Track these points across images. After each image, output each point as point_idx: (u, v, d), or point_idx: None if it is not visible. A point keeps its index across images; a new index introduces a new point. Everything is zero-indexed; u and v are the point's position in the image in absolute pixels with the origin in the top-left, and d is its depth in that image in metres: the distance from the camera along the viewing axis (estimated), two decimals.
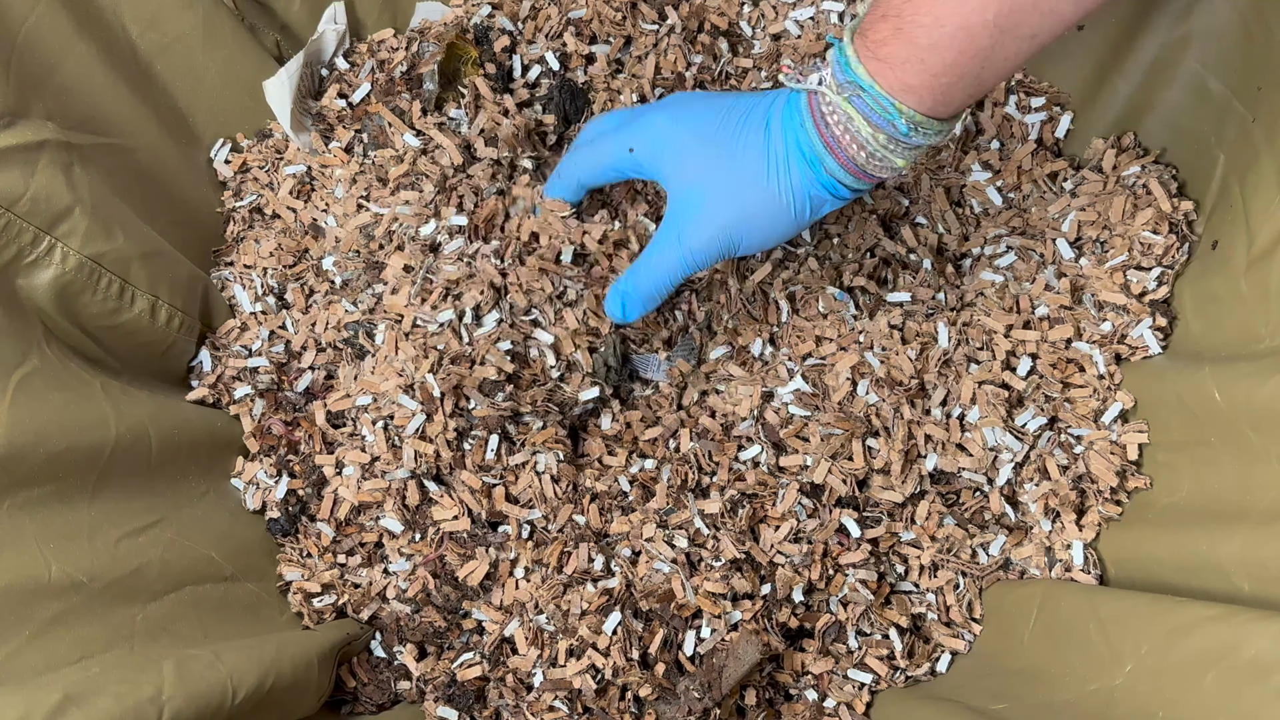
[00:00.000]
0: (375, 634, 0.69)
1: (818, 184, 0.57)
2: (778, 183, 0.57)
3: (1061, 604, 0.62)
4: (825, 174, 0.56)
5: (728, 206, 0.59)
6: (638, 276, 0.63)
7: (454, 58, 0.77)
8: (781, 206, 0.58)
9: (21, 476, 0.56)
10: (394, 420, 0.68)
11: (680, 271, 0.62)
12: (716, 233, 0.59)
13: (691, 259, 0.61)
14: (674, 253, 0.61)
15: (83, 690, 0.48)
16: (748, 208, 0.58)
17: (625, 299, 0.64)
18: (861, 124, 0.54)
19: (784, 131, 0.57)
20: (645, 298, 0.64)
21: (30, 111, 0.63)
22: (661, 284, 0.63)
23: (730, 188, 0.59)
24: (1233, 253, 0.62)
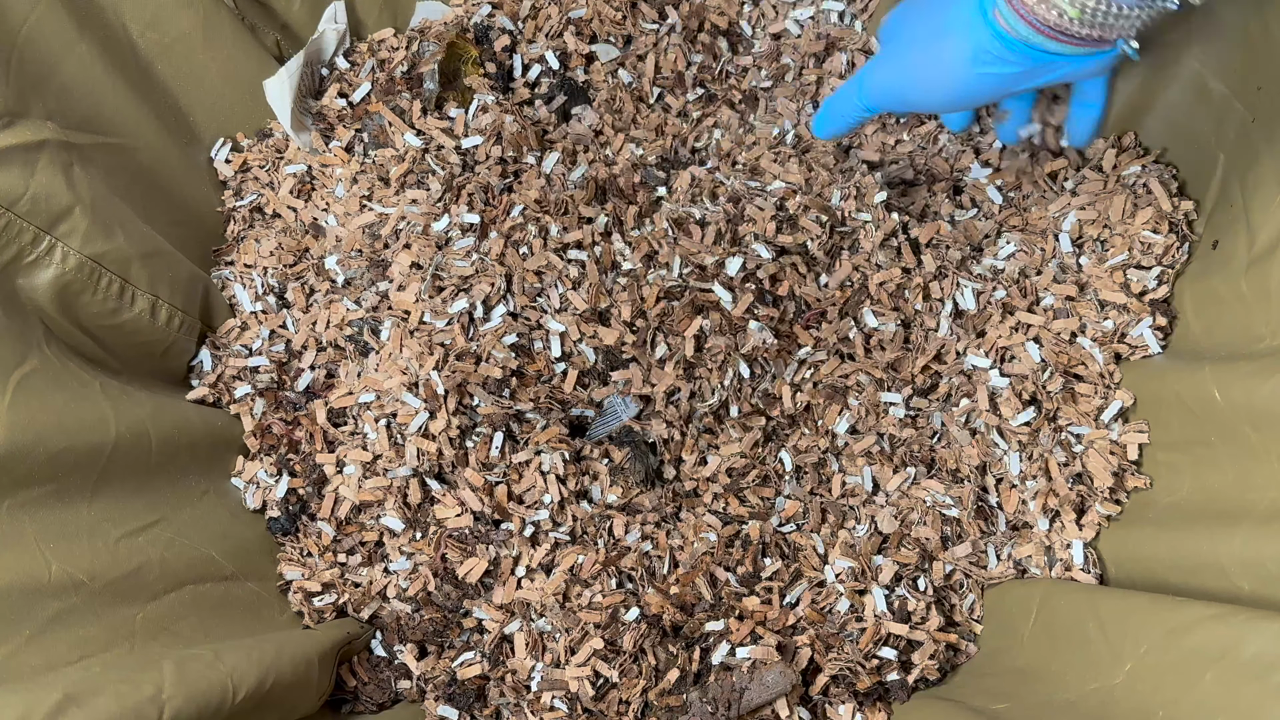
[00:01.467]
0: (376, 633, 0.69)
1: (987, 30, 0.52)
2: (949, 23, 0.54)
3: (1061, 603, 0.62)
4: (994, 19, 0.51)
5: (903, 45, 0.58)
6: (833, 99, 0.65)
7: (454, 57, 0.77)
8: (951, 46, 0.54)
9: (21, 476, 0.56)
10: (396, 418, 0.68)
11: (856, 104, 0.62)
12: (887, 69, 0.59)
13: (865, 92, 0.61)
14: (852, 86, 0.62)
15: (83, 690, 0.48)
16: (919, 48, 0.56)
17: (820, 117, 0.66)
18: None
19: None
20: (834, 119, 0.65)
21: (30, 111, 0.63)
22: (845, 112, 0.64)
23: (912, 31, 0.57)
24: (1233, 252, 0.62)
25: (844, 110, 0.64)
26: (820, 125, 0.67)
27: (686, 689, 0.64)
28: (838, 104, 0.64)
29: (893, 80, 0.58)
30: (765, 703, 0.63)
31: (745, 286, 0.69)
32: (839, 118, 0.65)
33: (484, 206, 0.72)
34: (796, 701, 0.65)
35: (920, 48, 0.56)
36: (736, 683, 0.63)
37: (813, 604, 0.66)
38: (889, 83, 0.59)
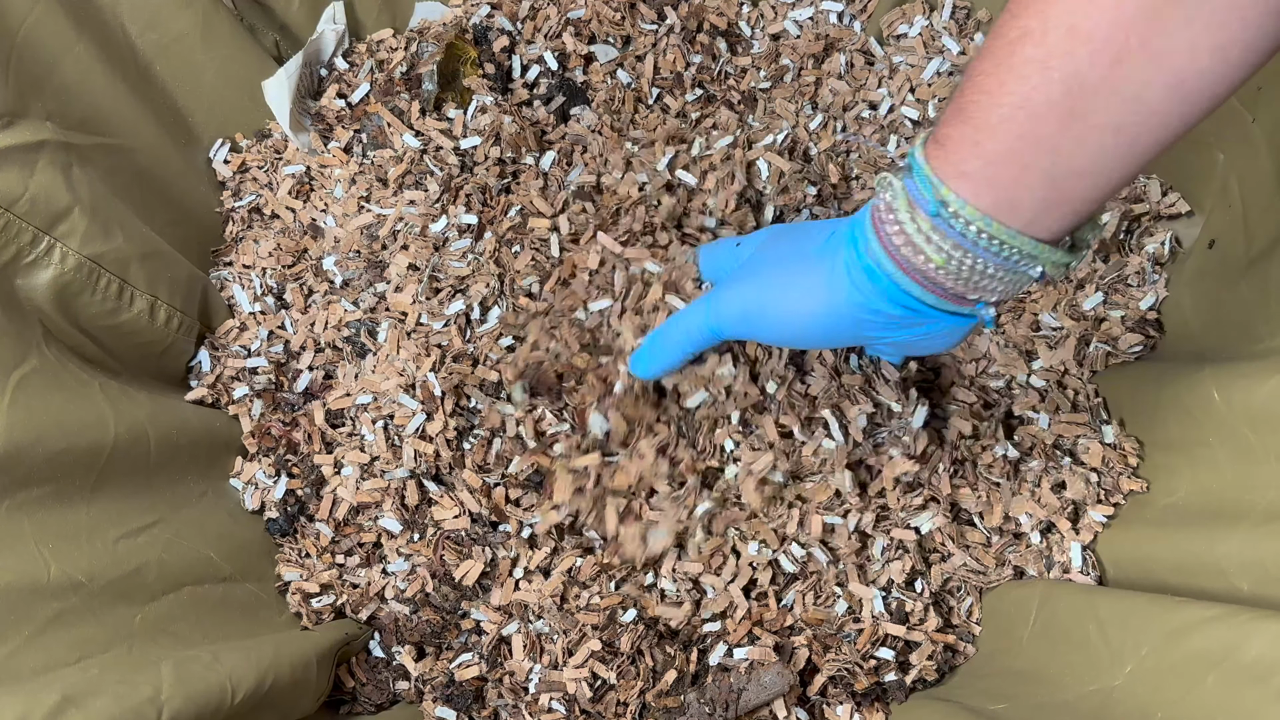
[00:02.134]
0: (374, 634, 0.69)
1: (858, 265, 0.47)
2: (819, 252, 0.49)
3: (1061, 604, 0.62)
4: (865, 255, 0.47)
5: (767, 267, 0.53)
6: (662, 330, 0.60)
7: (453, 58, 0.77)
8: (817, 277, 0.49)
9: (20, 477, 0.56)
10: (394, 420, 0.68)
11: (700, 333, 0.57)
12: (747, 290, 0.53)
13: (716, 313, 0.55)
14: (699, 311, 0.56)
15: (81, 691, 0.48)
16: (785, 272, 0.51)
17: (646, 352, 0.61)
18: (903, 207, 0.44)
19: (849, 227, 0.49)
20: (664, 354, 0.60)
21: (29, 111, 0.62)
22: (681, 343, 0.58)
23: (778, 253, 0.53)
24: (1232, 252, 0.62)
25: (681, 338, 0.58)
26: (643, 363, 0.61)
27: (684, 690, 0.64)
28: (672, 332, 0.58)
29: (750, 301, 0.53)
30: (763, 703, 0.63)
31: None
32: (671, 348, 0.59)
33: (481, 207, 0.72)
34: (794, 702, 0.65)
35: (786, 270, 0.51)
36: (734, 683, 0.63)
37: (812, 603, 0.66)
38: (747, 306, 0.53)
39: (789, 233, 0.54)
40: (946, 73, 0.78)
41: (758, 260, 0.54)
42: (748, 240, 0.59)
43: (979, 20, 0.80)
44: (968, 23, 0.80)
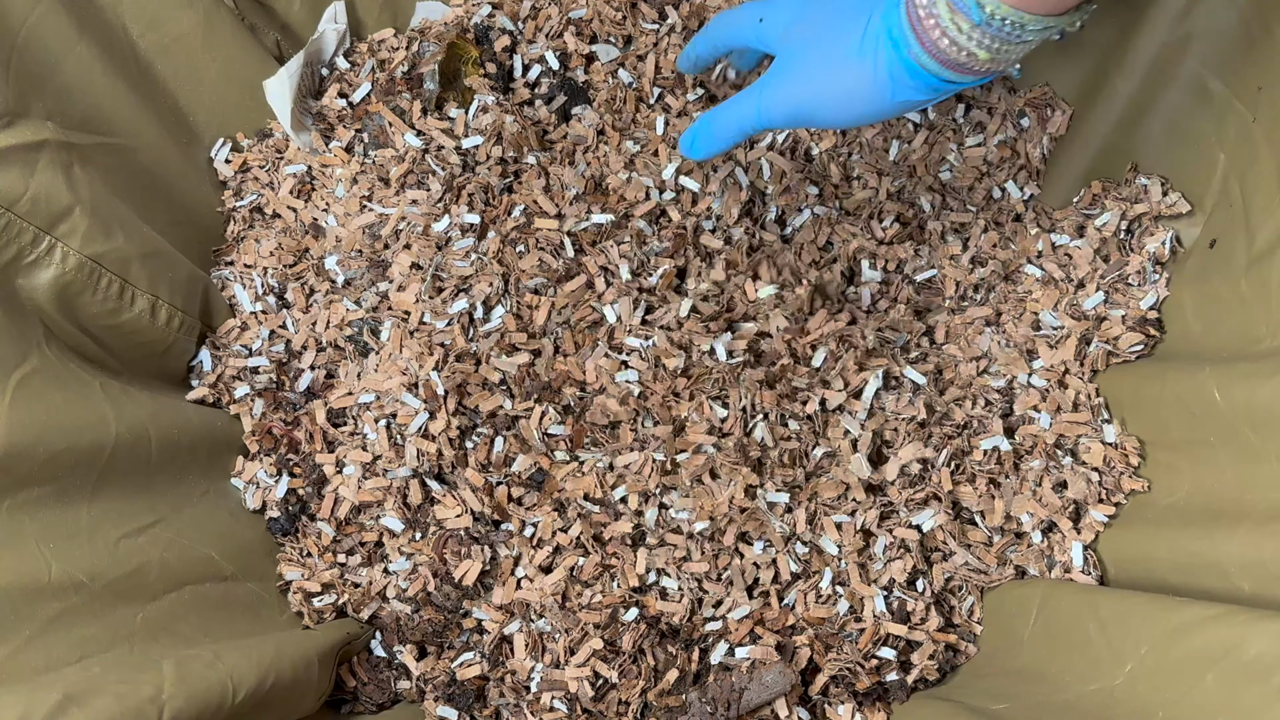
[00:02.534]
0: (375, 633, 0.69)
1: (900, 65, 0.53)
2: (860, 53, 0.54)
3: (1061, 604, 0.62)
4: (908, 56, 0.52)
5: (810, 67, 0.57)
6: (712, 115, 0.62)
7: (454, 57, 0.77)
8: (863, 79, 0.54)
9: (21, 476, 0.56)
10: (396, 418, 0.68)
11: (752, 120, 0.60)
12: (794, 90, 0.58)
13: (764, 115, 0.59)
14: (751, 101, 0.60)
15: (83, 690, 0.48)
16: (830, 73, 0.56)
17: (696, 135, 0.63)
18: (945, 13, 0.50)
19: (882, 9, 0.54)
20: (714, 137, 0.62)
21: (30, 111, 0.62)
22: (732, 128, 0.62)
23: (818, 51, 0.56)
24: (1233, 252, 0.62)
25: (732, 128, 0.62)
26: (696, 145, 0.64)
27: (686, 689, 0.64)
28: (724, 120, 0.62)
29: (800, 101, 0.58)
30: (764, 703, 0.63)
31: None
32: (722, 136, 0.62)
33: (484, 207, 0.72)
34: (796, 701, 0.65)
35: (830, 71, 0.56)
36: (736, 683, 0.63)
37: (814, 602, 0.66)
38: (795, 103, 0.58)
39: (819, 14, 0.58)
40: None
41: (798, 53, 0.58)
42: (771, 15, 0.62)
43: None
44: None
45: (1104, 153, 0.72)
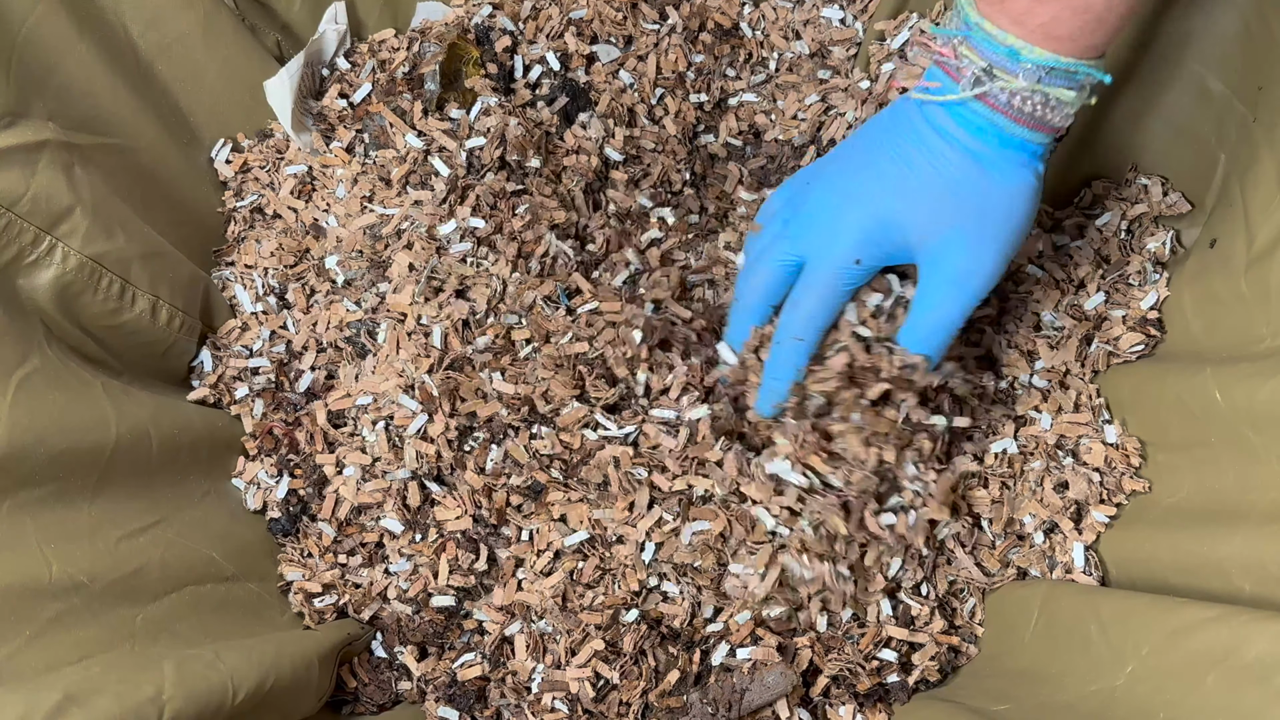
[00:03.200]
0: (376, 634, 0.69)
1: (979, 135, 0.53)
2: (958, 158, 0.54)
3: (1062, 605, 0.62)
4: (975, 116, 0.53)
5: (1000, 224, 0.55)
6: (922, 335, 0.58)
7: (455, 58, 0.77)
8: (1029, 197, 0.55)
9: (22, 476, 0.56)
10: (394, 420, 0.68)
11: (960, 319, 0.57)
12: (1003, 252, 0.56)
13: (970, 300, 0.57)
14: (954, 302, 0.57)
15: (83, 690, 0.48)
16: (1020, 216, 0.55)
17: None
18: (965, 49, 0.53)
19: (921, 111, 0.55)
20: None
21: (31, 111, 0.62)
22: (946, 338, 0.59)
23: (936, 198, 0.54)
24: (1233, 252, 0.62)
25: (946, 338, 0.58)
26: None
27: (687, 690, 0.64)
28: (941, 342, 0.59)
29: (995, 266, 0.56)
30: (766, 703, 0.63)
31: None
32: (945, 346, 0.59)
33: (489, 210, 0.72)
34: (797, 703, 0.65)
35: (1002, 219, 0.55)
36: (737, 684, 0.63)
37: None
38: (990, 271, 0.56)
39: (958, 193, 0.55)
40: None
41: (962, 232, 0.55)
42: (882, 237, 0.57)
43: None
44: None
45: (1104, 153, 0.72)
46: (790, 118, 0.82)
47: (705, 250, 0.75)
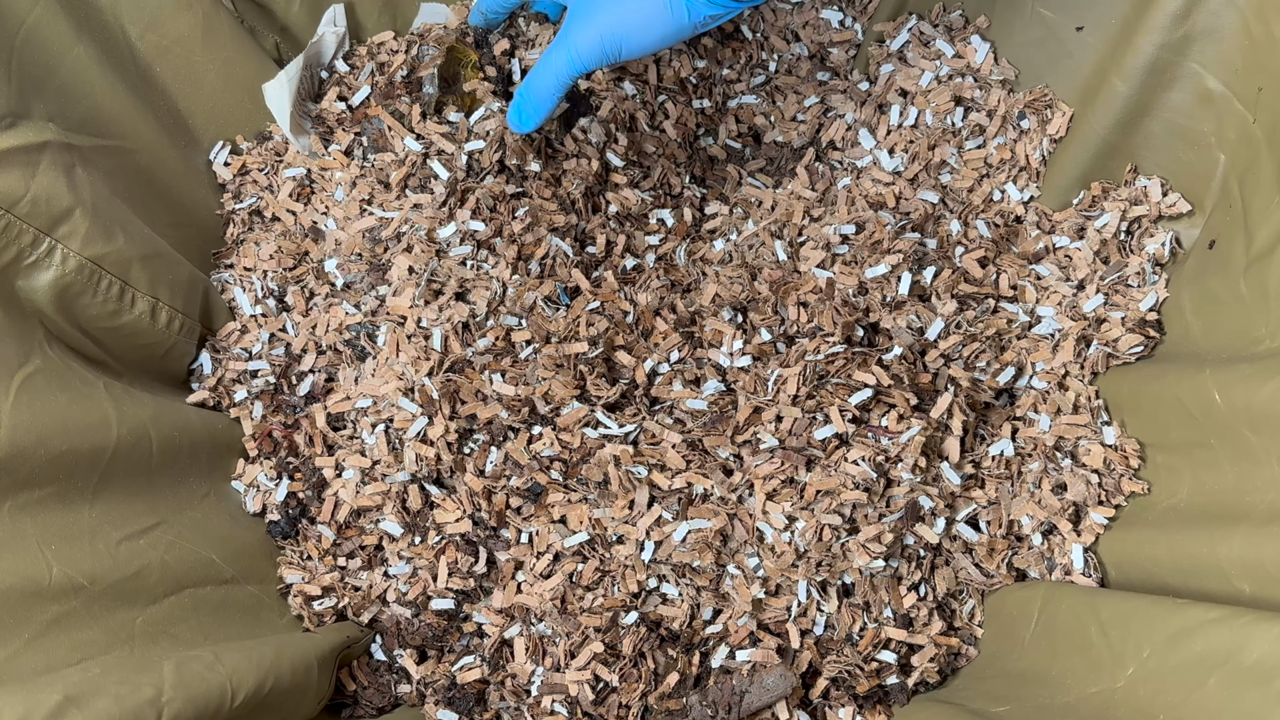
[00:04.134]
0: (375, 637, 0.69)
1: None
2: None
3: (1062, 606, 0.62)
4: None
5: (610, 6, 0.64)
6: (529, 81, 0.68)
7: (454, 61, 0.77)
8: (659, 7, 0.62)
9: (23, 478, 0.56)
10: (394, 423, 0.68)
11: (566, 69, 0.66)
12: (599, 32, 0.64)
13: (577, 59, 0.65)
14: (561, 55, 0.66)
15: (82, 691, 0.48)
16: (628, 8, 0.63)
17: (520, 109, 0.69)
18: None
19: None
20: (537, 102, 0.68)
21: (32, 112, 0.62)
22: (550, 84, 0.67)
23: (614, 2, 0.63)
24: (1232, 253, 0.62)
25: (550, 84, 0.67)
26: (523, 117, 0.69)
27: (686, 692, 0.64)
28: (541, 81, 0.67)
29: (606, 37, 0.64)
30: (765, 705, 0.63)
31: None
32: (544, 97, 0.68)
33: (489, 213, 0.72)
34: (796, 704, 0.65)
35: (625, 9, 0.63)
36: (736, 686, 0.63)
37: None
38: (602, 40, 0.64)
39: None
40: (946, 78, 0.78)
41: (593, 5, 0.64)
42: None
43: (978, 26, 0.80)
44: (966, 28, 0.80)
45: (1104, 154, 0.72)
46: (789, 119, 0.82)
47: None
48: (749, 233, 0.76)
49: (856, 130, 0.80)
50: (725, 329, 0.69)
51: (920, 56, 0.79)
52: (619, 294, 0.71)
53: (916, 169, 0.77)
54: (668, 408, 0.69)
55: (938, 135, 0.77)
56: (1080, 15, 0.71)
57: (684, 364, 0.69)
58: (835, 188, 0.79)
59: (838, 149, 0.81)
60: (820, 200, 0.78)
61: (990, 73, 0.77)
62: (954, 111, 0.78)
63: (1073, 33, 0.72)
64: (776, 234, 0.76)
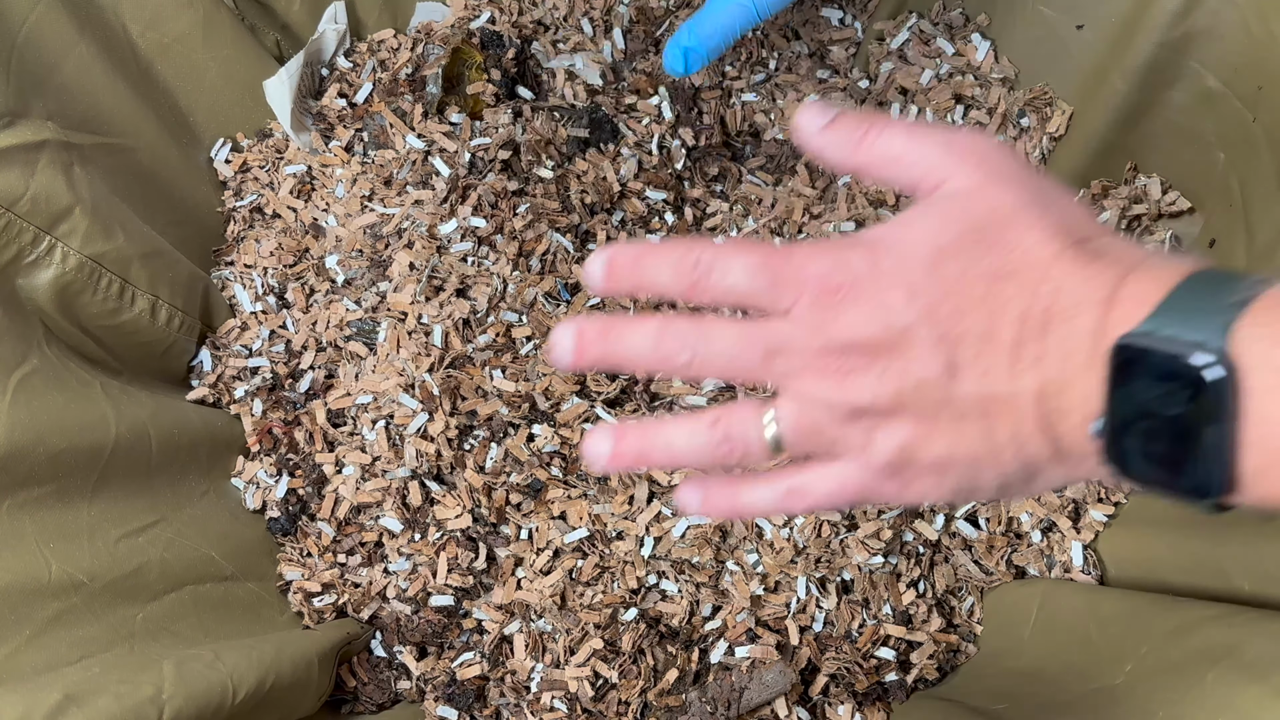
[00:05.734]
0: (375, 633, 0.69)
1: None
2: None
3: (1061, 604, 0.62)
4: None
5: None
6: (701, 26, 0.61)
7: (458, 61, 0.77)
8: None
9: (22, 476, 0.56)
10: (394, 419, 0.68)
11: (746, 18, 0.60)
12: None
13: (757, 4, 0.60)
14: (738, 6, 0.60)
15: (83, 690, 0.48)
16: None
17: (688, 51, 0.62)
18: None
19: None
20: (709, 49, 0.62)
21: (30, 111, 0.62)
22: (727, 31, 0.61)
23: None
24: (1232, 252, 0.62)
25: (727, 29, 0.61)
26: (691, 58, 0.62)
27: (686, 689, 0.64)
28: (717, 23, 0.61)
29: None
30: (764, 702, 0.63)
31: None
32: (719, 41, 0.61)
33: (490, 209, 0.72)
34: (795, 701, 0.65)
35: None
36: (736, 682, 0.63)
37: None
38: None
39: None
40: (946, 75, 0.78)
41: None
42: None
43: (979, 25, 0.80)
44: (966, 27, 0.80)
45: (1104, 152, 0.72)
46: (789, 117, 0.82)
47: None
48: (749, 230, 0.76)
49: None
50: None
51: (920, 54, 0.79)
52: None
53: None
54: (667, 404, 0.69)
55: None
56: (1080, 14, 0.71)
57: None
58: (835, 185, 0.79)
59: None
60: (820, 198, 0.78)
61: (990, 71, 0.77)
62: (954, 109, 0.78)
63: (1073, 31, 0.72)
64: (776, 231, 0.76)
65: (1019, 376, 0.32)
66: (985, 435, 0.33)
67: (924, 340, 0.33)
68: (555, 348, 0.36)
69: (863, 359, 0.33)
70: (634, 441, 0.36)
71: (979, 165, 0.34)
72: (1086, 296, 0.31)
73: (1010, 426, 0.33)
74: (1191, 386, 0.29)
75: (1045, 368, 0.32)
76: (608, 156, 0.76)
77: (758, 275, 0.34)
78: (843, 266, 0.34)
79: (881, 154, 0.36)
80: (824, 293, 0.34)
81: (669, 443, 0.36)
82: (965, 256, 0.33)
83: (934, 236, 0.33)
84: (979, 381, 0.33)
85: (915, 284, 0.33)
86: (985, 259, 0.33)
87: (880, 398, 0.33)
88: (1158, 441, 0.30)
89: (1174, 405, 0.29)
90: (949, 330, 0.32)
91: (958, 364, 0.33)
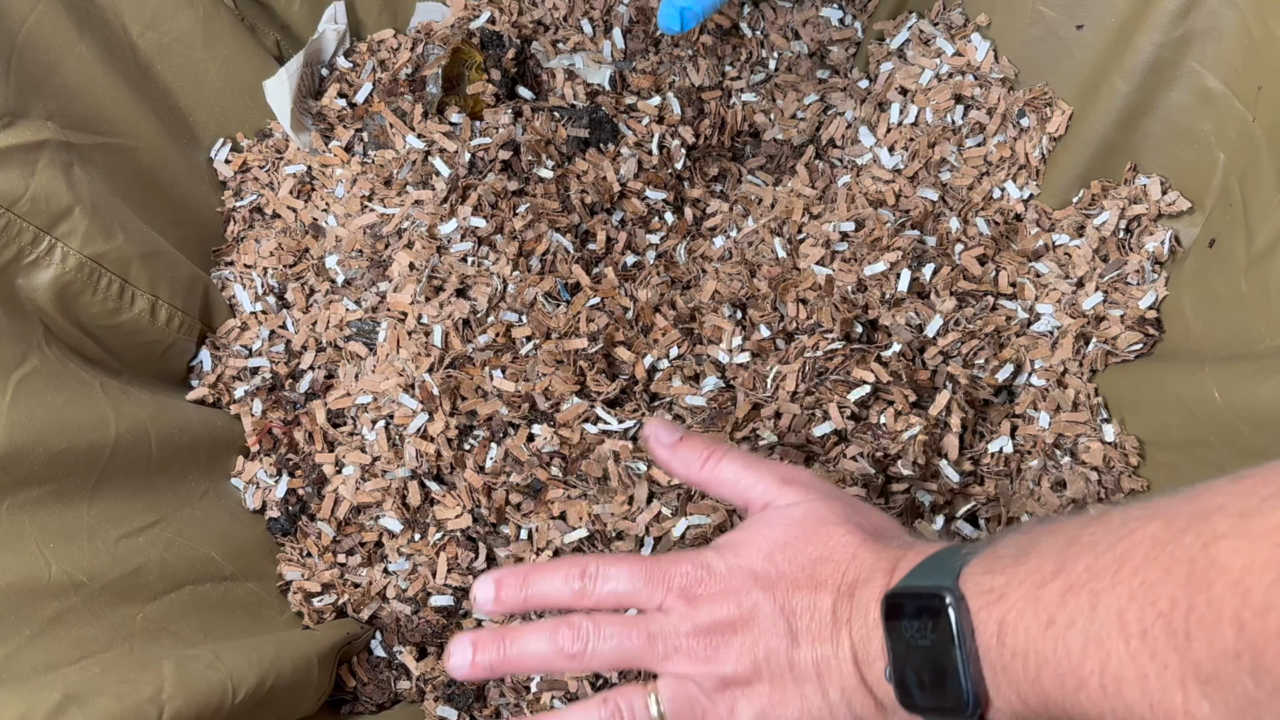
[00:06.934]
0: (375, 633, 0.69)
1: None
2: None
3: None
4: None
5: None
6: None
7: (458, 61, 0.77)
8: None
9: (21, 476, 0.56)
10: (394, 419, 0.68)
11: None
12: None
13: None
14: None
15: (83, 690, 0.48)
16: None
17: (684, 11, 0.61)
18: None
19: None
20: (704, 8, 0.61)
21: (30, 111, 0.62)
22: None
23: None
24: (1232, 252, 0.62)
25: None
26: (685, 15, 0.61)
27: None
28: None
29: None
30: None
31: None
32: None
33: (490, 209, 0.72)
34: None
35: None
36: None
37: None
38: None
39: None
40: (946, 75, 0.78)
41: None
42: None
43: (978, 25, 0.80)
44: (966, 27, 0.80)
45: (1104, 153, 0.72)
46: (789, 117, 0.82)
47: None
48: (749, 230, 0.76)
49: (856, 128, 0.80)
50: (725, 325, 0.70)
51: (920, 54, 0.79)
52: (619, 290, 0.71)
53: (916, 167, 0.77)
54: (667, 404, 0.69)
55: (937, 133, 0.77)
56: (1080, 14, 0.71)
57: (683, 360, 0.69)
58: (835, 185, 0.79)
59: (838, 147, 0.81)
60: (820, 198, 0.78)
61: (990, 71, 0.77)
62: (954, 109, 0.78)
63: (1073, 31, 0.72)
64: (776, 231, 0.76)
65: (840, 638, 0.41)
66: (823, 695, 0.42)
67: (768, 614, 0.42)
68: (453, 656, 0.46)
69: (724, 636, 0.43)
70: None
71: (807, 489, 0.46)
72: (877, 567, 0.42)
73: (839, 682, 0.41)
74: (936, 615, 0.37)
75: (854, 626, 0.41)
76: (608, 156, 0.76)
77: (635, 578, 0.45)
78: (701, 566, 0.44)
79: (719, 478, 0.48)
80: (689, 585, 0.44)
81: (563, 715, 0.45)
82: (793, 548, 0.44)
83: (772, 537, 0.44)
84: (812, 646, 0.42)
85: (757, 571, 0.43)
86: (808, 548, 0.44)
87: (741, 668, 0.42)
88: (924, 670, 0.38)
89: (928, 635, 0.37)
90: (785, 603, 0.43)
91: (796, 631, 0.42)
